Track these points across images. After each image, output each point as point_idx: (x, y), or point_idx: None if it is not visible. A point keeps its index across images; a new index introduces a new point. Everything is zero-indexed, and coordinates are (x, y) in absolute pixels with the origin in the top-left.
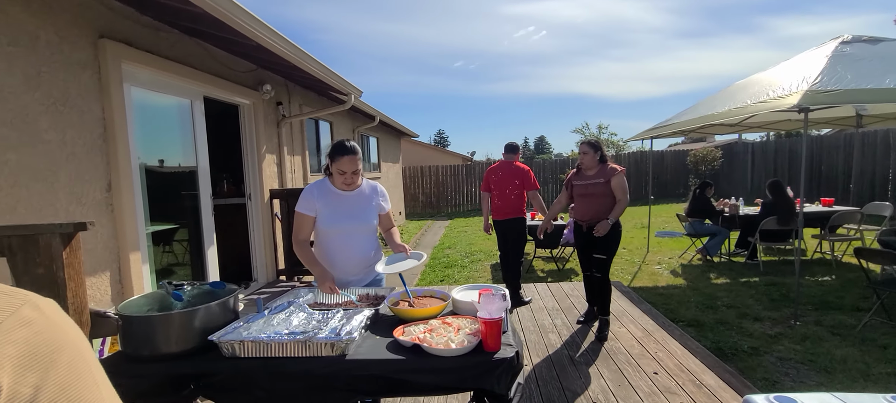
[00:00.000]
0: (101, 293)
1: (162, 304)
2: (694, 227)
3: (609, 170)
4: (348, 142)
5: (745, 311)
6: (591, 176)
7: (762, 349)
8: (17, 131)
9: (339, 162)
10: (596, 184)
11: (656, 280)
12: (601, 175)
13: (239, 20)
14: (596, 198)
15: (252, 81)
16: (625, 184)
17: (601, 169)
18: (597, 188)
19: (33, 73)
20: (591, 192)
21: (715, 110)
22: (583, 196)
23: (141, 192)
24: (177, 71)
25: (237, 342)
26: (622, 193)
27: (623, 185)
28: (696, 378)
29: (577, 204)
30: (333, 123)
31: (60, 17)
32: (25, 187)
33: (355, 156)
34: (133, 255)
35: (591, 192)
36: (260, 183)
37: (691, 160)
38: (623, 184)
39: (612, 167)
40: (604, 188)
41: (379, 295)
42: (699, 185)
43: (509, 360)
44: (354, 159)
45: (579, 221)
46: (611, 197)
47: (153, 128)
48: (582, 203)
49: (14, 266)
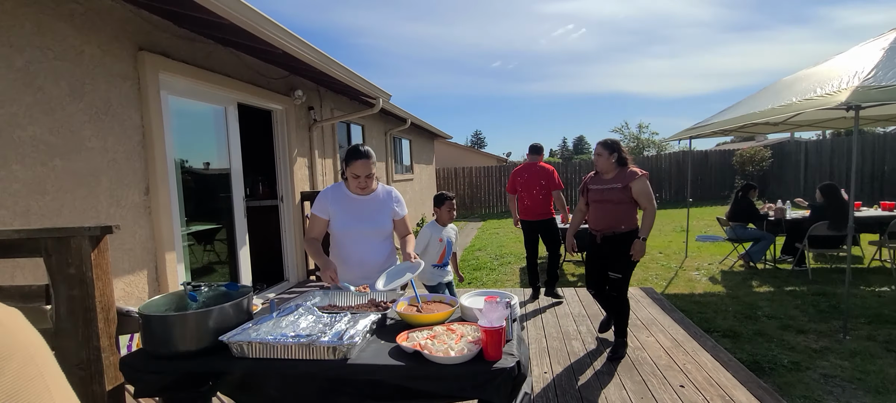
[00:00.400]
0: (139, 290)
1: (180, 304)
2: (735, 232)
3: (629, 173)
4: (363, 146)
5: (788, 323)
6: (609, 180)
7: (804, 364)
8: (63, 139)
9: (353, 166)
10: (613, 190)
11: (693, 287)
12: (619, 179)
13: (264, 30)
14: (612, 205)
15: (284, 87)
16: (649, 189)
17: (620, 173)
18: (613, 194)
19: (78, 85)
20: (607, 198)
21: (757, 109)
22: (598, 202)
23: (177, 195)
24: (211, 79)
25: (245, 343)
26: (647, 201)
27: (646, 191)
28: (726, 393)
29: (592, 211)
30: (365, 126)
31: (103, 32)
32: (70, 192)
33: (368, 161)
34: (169, 255)
35: (607, 198)
36: (291, 185)
37: (737, 160)
38: (646, 189)
39: (633, 171)
40: (621, 194)
41: (389, 300)
42: (741, 188)
43: (509, 371)
44: (367, 163)
45: (593, 230)
46: (629, 204)
47: (189, 134)
48: (597, 210)
49: (50, 265)
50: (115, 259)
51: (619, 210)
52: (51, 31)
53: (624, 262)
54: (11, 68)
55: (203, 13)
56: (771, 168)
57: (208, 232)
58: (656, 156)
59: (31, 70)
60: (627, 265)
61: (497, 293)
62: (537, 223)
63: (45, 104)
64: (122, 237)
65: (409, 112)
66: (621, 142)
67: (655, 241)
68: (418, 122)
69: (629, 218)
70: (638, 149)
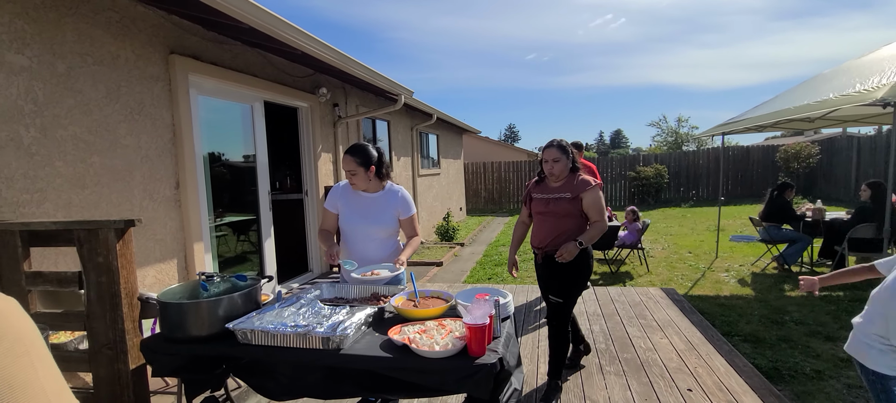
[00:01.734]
0: (169, 278)
1: (195, 293)
2: (769, 233)
3: (580, 182)
4: (360, 144)
5: (817, 329)
6: (556, 189)
7: (828, 373)
8: (101, 138)
9: (343, 160)
10: (560, 201)
11: (719, 288)
12: (568, 188)
13: (285, 34)
14: (556, 219)
15: (309, 85)
16: (601, 202)
17: (569, 180)
18: (560, 205)
19: (114, 87)
20: (551, 210)
21: (793, 104)
22: (542, 214)
23: (205, 189)
24: (238, 79)
25: (249, 330)
26: (598, 214)
27: (599, 205)
28: (734, 398)
29: (535, 224)
30: (390, 122)
31: (137, 38)
32: (107, 186)
33: (350, 157)
34: (197, 245)
35: (552, 210)
36: (316, 180)
37: (781, 157)
38: (598, 202)
39: (584, 179)
40: (570, 206)
41: (389, 293)
42: (777, 186)
43: (490, 366)
44: (348, 159)
45: (535, 248)
46: (578, 218)
47: (217, 132)
48: (540, 223)
49: (82, 255)
50: (148, 248)
51: (566, 224)
52: (90, 38)
53: (566, 285)
54: (54, 73)
55: (226, 19)
56: (819, 165)
57: (236, 224)
58: (694, 152)
59: (72, 75)
60: (570, 288)
61: (491, 290)
62: None
63: (84, 106)
64: (153, 228)
65: (441, 107)
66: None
67: (685, 241)
68: (445, 117)
69: (577, 235)
70: (676, 144)
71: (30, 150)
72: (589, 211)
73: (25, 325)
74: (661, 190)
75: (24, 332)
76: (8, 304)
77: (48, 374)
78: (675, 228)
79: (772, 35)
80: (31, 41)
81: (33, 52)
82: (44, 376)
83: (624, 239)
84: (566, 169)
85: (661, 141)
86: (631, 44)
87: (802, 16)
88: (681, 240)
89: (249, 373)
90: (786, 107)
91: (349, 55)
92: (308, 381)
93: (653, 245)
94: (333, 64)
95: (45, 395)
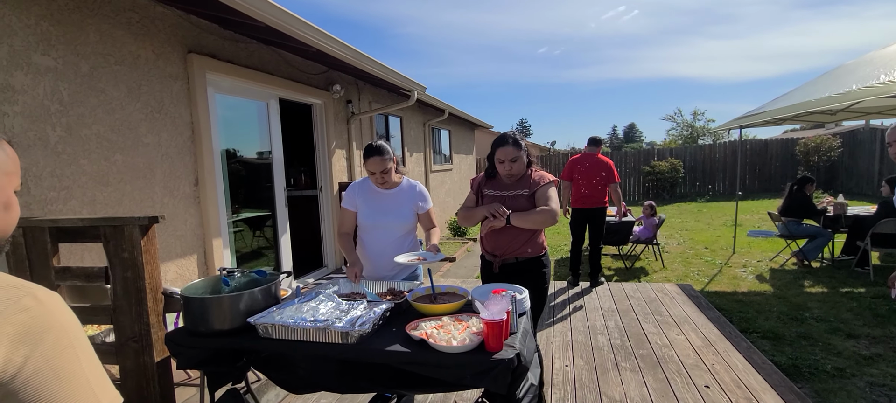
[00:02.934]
0: (190, 273)
1: (217, 288)
2: (788, 228)
3: (536, 176)
4: (377, 143)
5: (839, 326)
6: (510, 186)
7: (850, 371)
8: (123, 136)
9: (368, 163)
10: (516, 198)
11: (737, 285)
12: (525, 184)
13: (300, 31)
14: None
15: (323, 82)
16: (555, 195)
17: (524, 177)
18: (518, 203)
19: (135, 87)
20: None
21: (813, 96)
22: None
23: (223, 186)
24: (254, 77)
25: (270, 324)
26: (547, 201)
27: (553, 197)
28: (753, 396)
29: (486, 229)
30: (403, 118)
31: (157, 38)
32: (129, 183)
33: (381, 158)
34: (216, 241)
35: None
36: (330, 176)
37: (801, 150)
38: (553, 195)
39: (540, 175)
40: (527, 205)
41: (406, 290)
42: (797, 180)
43: (507, 362)
44: (380, 160)
45: (489, 254)
46: None
47: (234, 129)
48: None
49: (108, 250)
50: (169, 244)
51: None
52: (111, 38)
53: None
54: (79, 74)
55: (243, 18)
56: (840, 158)
57: (253, 220)
58: (710, 146)
59: (95, 75)
60: (534, 300)
61: (507, 286)
62: (590, 212)
63: (106, 105)
64: (174, 224)
65: (452, 102)
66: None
67: (701, 236)
68: (457, 113)
69: (535, 238)
70: (692, 138)
71: (56, 149)
72: (538, 202)
73: (69, 319)
74: (676, 184)
75: (69, 325)
76: (52, 298)
77: (91, 364)
78: (690, 223)
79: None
80: (56, 42)
81: (58, 53)
82: (87, 366)
83: (639, 234)
84: (523, 166)
85: (676, 135)
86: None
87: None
88: (697, 236)
89: (269, 367)
90: (807, 99)
91: (362, 51)
92: (326, 375)
93: (668, 240)
94: (347, 60)
95: (89, 384)
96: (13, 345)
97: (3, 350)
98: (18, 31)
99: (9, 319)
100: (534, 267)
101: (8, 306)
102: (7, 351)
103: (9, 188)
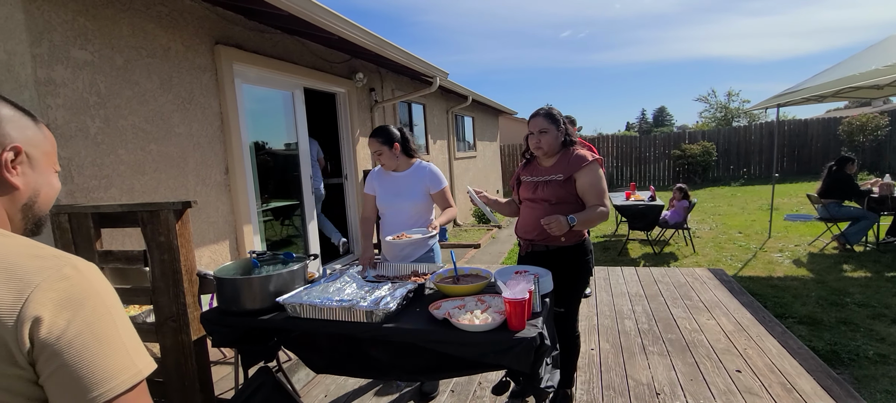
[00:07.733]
0: (222, 257)
1: (247, 270)
2: (829, 210)
3: (574, 158)
4: (380, 126)
5: (882, 311)
6: (547, 169)
7: (893, 357)
8: (156, 126)
9: (368, 143)
10: (551, 184)
11: (772, 270)
12: (560, 168)
13: (323, 19)
14: (548, 206)
15: (346, 71)
16: (601, 183)
17: (562, 158)
18: (551, 190)
19: (166, 78)
20: (540, 197)
21: (858, 70)
22: (531, 201)
23: (252, 174)
24: (279, 67)
25: (297, 304)
26: (597, 197)
27: (597, 186)
28: (787, 380)
29: (521, 212)
30: (426, 105)
31: (186, 30)
32: (164, 172)
33: (374, 139)
34: (246, 227)
35: (542, 197)
36: (354, 164)
37: (844, 130)
38: (597, 182)
39: (580, 155)
40: (562, 190)
41: (429, 271)
42: (837, 161)
43: (529, 340)
44: (372, 141)
45: (521, 238)
46: (574, 204)
47: (261, 119)
48: (527, 212)
49: (146, 234)
50: (203, 230)
51: (558, 212)
52: (143, 31)
53: (560, 286)
54: (114, 67)
55: (267, 7)
56: (888, 138)
57: (281, 208)
58: (745, 127)
59: (129, 67)
60: (565, 291)
61: (529, 268)
62: None
63: (140, 96)
64: (207, 211)
65: (475, 88)
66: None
67: (735, 221)
68: (480, 99)
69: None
70: (726, 120)
71: (96, 140)
72: (585, 196)
73: (106, 287)
74: (708, 168)
75: (106, 293)
76: (90, 269)
77: (127, 331)
78: (723, 208)
79: None
80: (92, 37)
81: (94, 47)
82: (123, 332)
83: (668, 218)
84: (556, 142)
85: (709, 116)
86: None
87: None
88: (730, 220)
89: (297, 346)
90: (852, 73)
91: (384, 38)
92: (351, 357)
93: (699, 225)
94: (369, 48)
95: (125, 348)
96: (56, 310)
97: (48, 314)
98: (57, 26)
99: (52, 286)
100: (572, 256)
101: (50, 274)
102: (51, 315)
103: (50, 166)
